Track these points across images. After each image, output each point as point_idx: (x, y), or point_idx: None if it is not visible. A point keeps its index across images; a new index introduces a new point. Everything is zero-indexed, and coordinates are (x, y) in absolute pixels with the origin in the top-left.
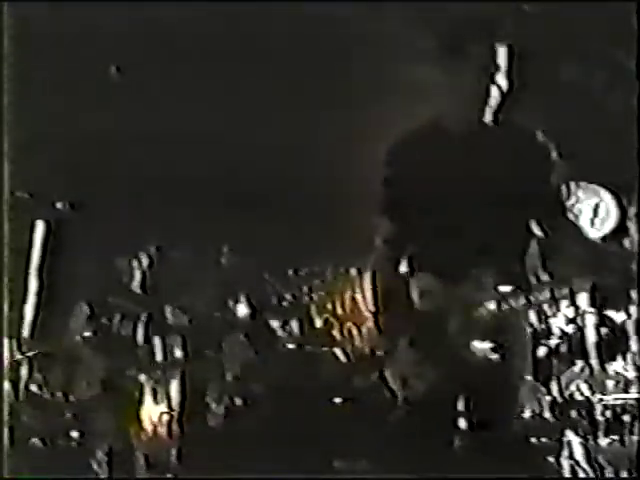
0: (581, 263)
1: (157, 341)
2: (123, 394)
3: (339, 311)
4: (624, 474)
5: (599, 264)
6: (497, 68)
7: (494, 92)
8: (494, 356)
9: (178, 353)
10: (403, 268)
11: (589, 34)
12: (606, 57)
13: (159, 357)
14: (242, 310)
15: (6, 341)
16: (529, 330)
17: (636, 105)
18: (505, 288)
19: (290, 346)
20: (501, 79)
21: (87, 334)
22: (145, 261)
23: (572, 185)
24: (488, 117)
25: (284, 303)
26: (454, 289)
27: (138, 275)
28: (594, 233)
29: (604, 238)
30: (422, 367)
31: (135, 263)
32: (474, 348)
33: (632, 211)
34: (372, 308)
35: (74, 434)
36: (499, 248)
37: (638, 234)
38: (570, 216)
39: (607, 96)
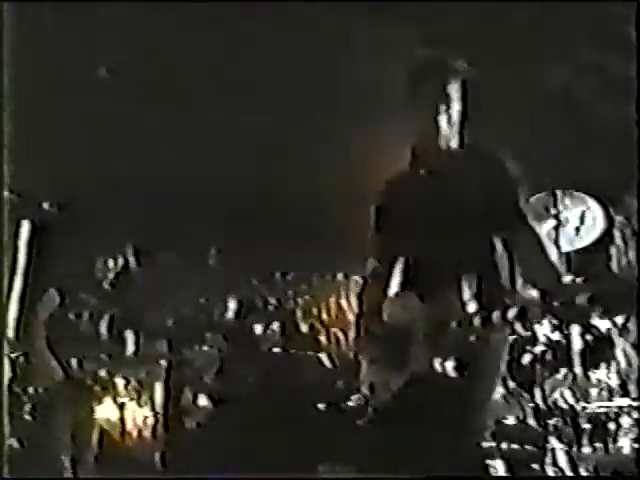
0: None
1: (139, 342)
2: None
3: (325, 316)
4: None
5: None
6: (449, 101)
7: (451, 120)
8: (456, 375)
9: (162, 356)
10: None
11: (575, 40)
12: (594, 63)
13: (142, 358)
14: (226, 313)
15: None
16: (503, 354)
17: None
18: (473, 307)
19: (275, 350)
20: (455, 108)
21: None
22: (132, 261)
23: (559, 193)
24: (453, 142)
25: (269, 307)
26: (425, 306)
27: (120, 275)
28: (580, 241)
29: (590, 246)
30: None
31: (119, 263)
32: (437, 365)
33: (619, 219)
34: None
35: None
36: (471, 267)
37: (637, 241)
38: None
39: (595, 103)
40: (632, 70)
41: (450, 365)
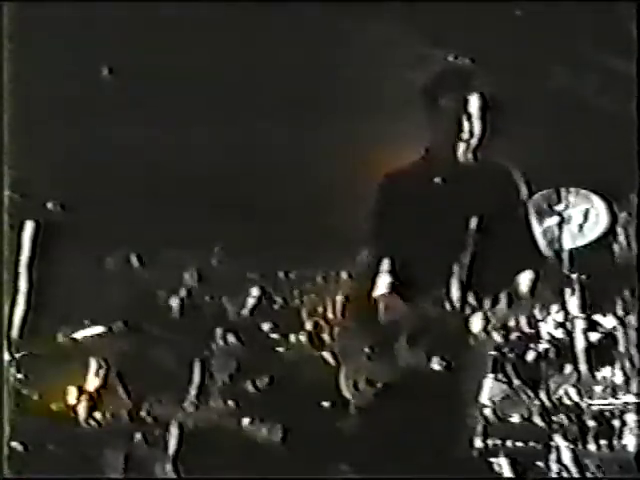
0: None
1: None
2: None
3: (329, 315)
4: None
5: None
6: (469, 115)
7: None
8: (441, 370)
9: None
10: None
11: (578, 39)
12: (598, 62)
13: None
14: (232, 312)
15: None
16: (490, 352)
17: (630, 110)
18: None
19: (280, 349)
20: (475, 123)
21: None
22: (135, 262)
23: (562, 190)
24: (466, 155)
25: (275, 306)
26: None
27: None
28: (583, 239)
29: (593, 244)
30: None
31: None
32: (423, 361)
33: (623, 217)
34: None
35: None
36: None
37: (638, 238)
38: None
39: (598, 101)
40: (633, 68)
41: (436, 360)
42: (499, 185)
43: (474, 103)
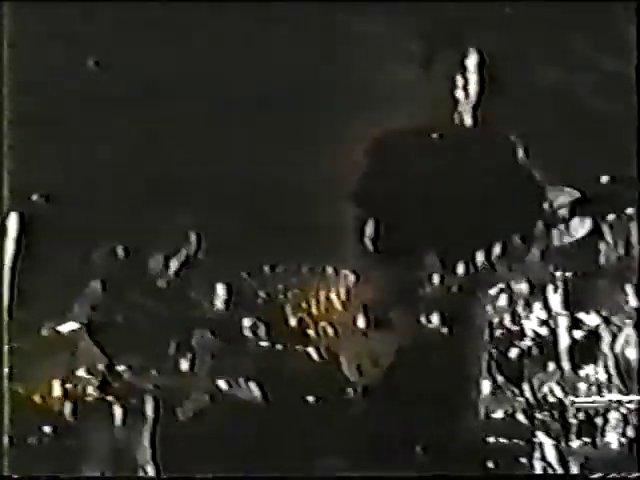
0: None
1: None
2: None
3: (314, 310)
4: (598, 476)
5: (572, 267)
6: (466, 72)
7: (465, 95)
8: (444, 330)
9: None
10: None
11: (572, 36)
12: (590, 59)
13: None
14: (215, 306)
15: None
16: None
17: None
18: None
19: (263, 344)
20: (472, 83)
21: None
22: (121, 254)
23: (548, 188)
24: (464, 118)
25: (259, 300)
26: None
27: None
28: (569, 236)
29: (579, 241)
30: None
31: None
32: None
33: (609, 215)
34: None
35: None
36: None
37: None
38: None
39: (590, 98)
40: (630, 67)
41: (436, 320)
42: (497, 151)
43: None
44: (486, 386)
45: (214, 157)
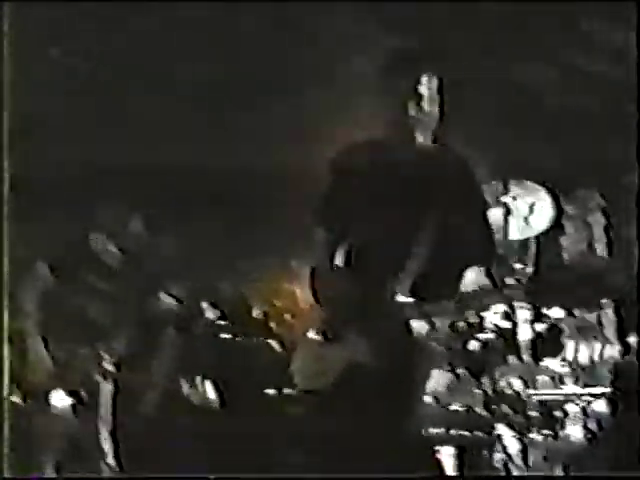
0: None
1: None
2: None
3: (277, 303)
4: (558, 469)
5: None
6: (421, 96)
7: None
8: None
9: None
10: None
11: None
12: (557, 57)
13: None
14: (176, 300)
15: None
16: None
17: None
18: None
19: (225, 336)
20: (427, 105)
21: None
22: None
23: (510, 182)
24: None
25: (222, 293)
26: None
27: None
28: (529, 231)
29: (540, 236)
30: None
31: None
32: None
33: (569, 210)
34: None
35: None
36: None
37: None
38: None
39: (551, 97)
40: (589, 62)
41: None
42: (456, 170)
43: (428, 84)
44: (445, 378)
45: (180, 153)
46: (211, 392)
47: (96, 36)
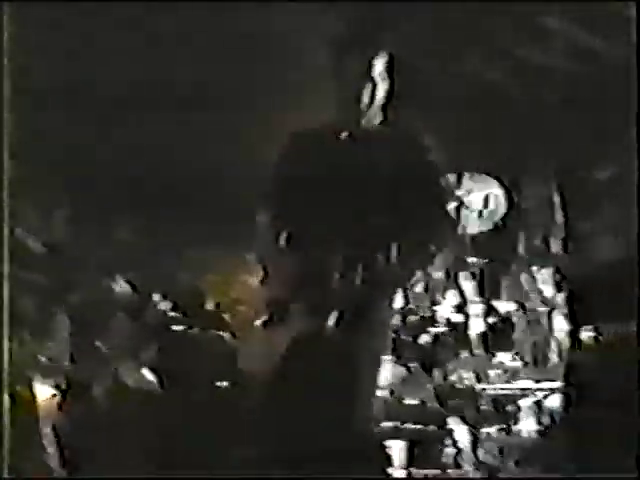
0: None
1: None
2: None
3: (232, 295)
4: (510, 463)
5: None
6: (374, 76)
7: (374, 95)
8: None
9: (65, 333)
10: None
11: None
12: (509, 50)
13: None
14: (129, 290)
15: None
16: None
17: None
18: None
19: (177, 328)
20: (380, 84)
21: None
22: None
23: (464, 175)
24: (373, 118)
25: (176, 285)
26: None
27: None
28: (483, 224)
29: (493, 229)
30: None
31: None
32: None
33: (524, 204)
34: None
35: None
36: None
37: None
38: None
39: (507, 88)
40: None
41: (332, 319)
42: (408, 149)
43: (379, 64)
44: (398, 372)
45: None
46: (149, 375)
47: None
